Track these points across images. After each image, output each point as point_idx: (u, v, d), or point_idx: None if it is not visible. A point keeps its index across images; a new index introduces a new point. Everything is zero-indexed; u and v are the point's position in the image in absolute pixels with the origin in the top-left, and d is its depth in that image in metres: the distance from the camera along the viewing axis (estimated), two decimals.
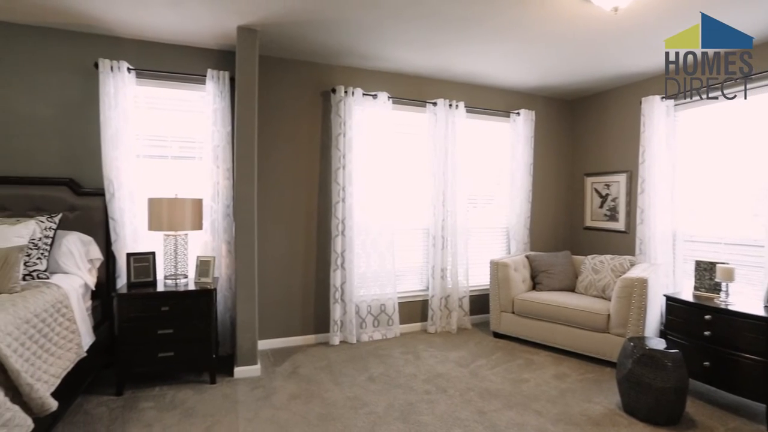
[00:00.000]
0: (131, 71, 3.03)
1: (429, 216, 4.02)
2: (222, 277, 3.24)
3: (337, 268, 3.58)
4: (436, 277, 3.97)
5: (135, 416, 2.41)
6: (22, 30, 2.90)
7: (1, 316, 1.82)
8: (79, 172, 3.02)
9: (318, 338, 3.69)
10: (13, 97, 2.90)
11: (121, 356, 2.67)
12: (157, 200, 2.83)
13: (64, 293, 2.39)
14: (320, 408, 2.55)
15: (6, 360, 1.70)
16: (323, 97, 3.67)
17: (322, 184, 3.69)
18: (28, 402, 1.79)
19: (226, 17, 2.78)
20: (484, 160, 4.38)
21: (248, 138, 2.96)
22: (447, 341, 3.77)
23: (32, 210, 2.85)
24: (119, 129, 2.97)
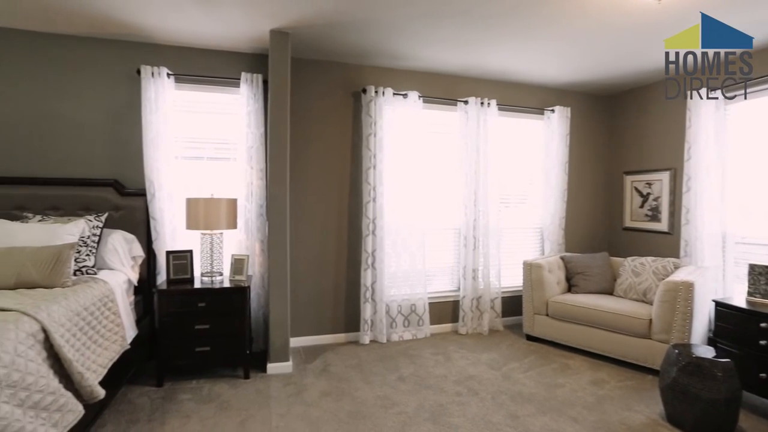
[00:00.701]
0: (170, 76, 3.15)
1: (460, 216, 3.96)
2: (255, 275, 3.31)
3: (367, 267, 3.59)
4: (468, 277, 3.92)
5: (174, 407, 2.51)
6: (73, 41, 3.08)
7: (55, 309, 1.94)
8: (122, 174, 3.18)
9: (348, 337, 3.71)
10: (65, 104, 3.09)
11: (161, 349, 2.78)
12: (194, 200, 2.93)
13: (110, 288, 2.52)
14: (350, 406, 2.56)
15: (60, 350, 1.81)
16: (354, 98, 3.69)
17: (353, 183, 3.71)
18: (79, 389, 1.90)
19: (259, 21, 2.85)
20: (516, 158, 4.28)
21: (281, 139, 3.02)
22: (478, 343, 3.70)
23: (81, 209, 3.02)
24: (159, 132, 3.10)
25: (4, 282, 2.23)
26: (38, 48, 3.02)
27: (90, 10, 2.68)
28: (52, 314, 1.89)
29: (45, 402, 1.66)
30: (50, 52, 3.04)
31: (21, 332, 1.68)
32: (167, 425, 2.31)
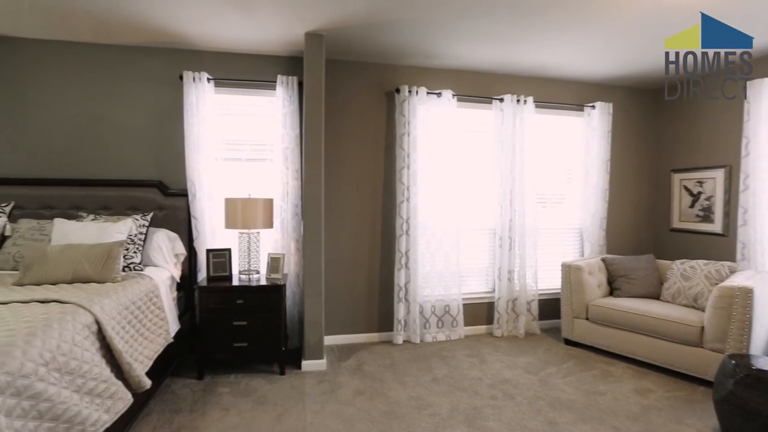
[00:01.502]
0: (210, 81, 3.27)
1: (495, 216, 3.88)
2: (291, 273, 3.38)
3: (401, 267, 3.58)
4: (503, 279, 3.83)
5: (214, 399, 2.60)
6: (123, 51, 3.25)
7: (107, 302, 2.06)
8: (166, 175, 3.33)
9: (382, 336, 3.72)
10: (116, 110, 3.27)
11: (201, 344, 2.89)
12: (232, 200, 3.02)
13: (155, 284, 2.64)
14: (384, 405, 2.56)
15: (111, 341, 1.92)
16: (387, 97, 3.69)
17: (387, 183, 3.71)
18: (127, 379, 2.01)
19: (295, 25, 2.90)
20: (554, 157, 4.14)
21: (316, 140, 3.06)
22: (514, 346, 3.61)
23: (129, 209, 3.18)
24: (200, 134, 3.22)
25: (63, 276, 2.39)
26: (93, 58, 3.22)
27: (138, 21, 2.82)
28: (104, 307, 2.00)
29: (99, 389, 1.76)
30: (103, 61, 3.23)
31: (78, 323, 1.79)
32: (208, 416, 2.40)
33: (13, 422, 1.31)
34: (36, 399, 1.42)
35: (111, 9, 2.66)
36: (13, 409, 1.33)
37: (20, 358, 1.42)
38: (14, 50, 3.13)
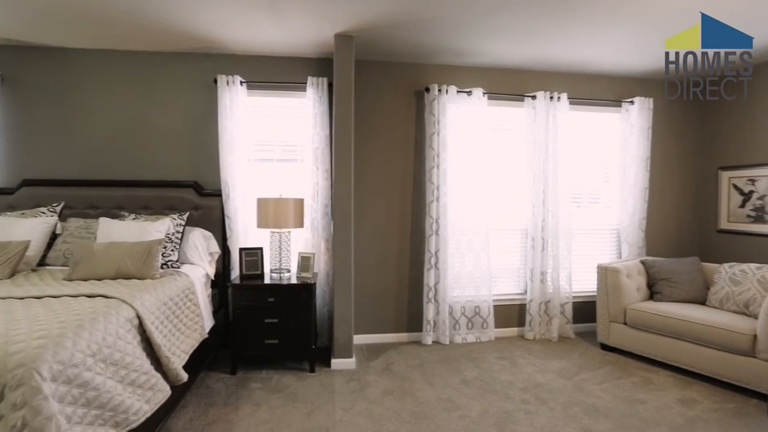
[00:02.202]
0: (243, 84, 3.36)
1: (527, 216, 3.78)
2: (321, 272, 3.42)
3: (431, 267, 3.56)
4: (535, 280, 3.73)
5: (246, 394, 2.66)
6: (160, 57, 3.39)
7: (147, 298, 2.14)
8: (201, 176, 3.44)
9: (411, 337, 3.70)
10: (154, 114, 3.41)
11: (235, 340, 2.97)
12: (264, 200, 3.09)
13: (191, 281, 2.73)
14: (413, 406, 2.55)
15: (151, 335, 2.00)
16: (417, 97, 3.68)
17: (417, 183, 3.69)
18: (166, 372, 2.08)
19: (324, 27, 2.93)
20: (589, 155, 3.99)
21: (345, 140, 3.08)
22: (547, 349, 3.51)
23: (167, 209, 3.31)
24: (233, 136, 3.31)
25: (107, 273, 2.51)
26: (134, 65, 3.38)
27: (176, 27, 2.94)
28: (144, 303, 2.09)
29: (140, 380, 1.83)
30: (143, 68, 3.38)
31: (121, 317, 1.87)
32: (240, 410, 2.46)
33: (64, 408, 1.39)
34: (84, 387, 1.50)
35: (151, 17, 2.78)
36: (64, 396, 1.41)
37: (71, 348, 1.50)
38: (65, 60, 3.33)
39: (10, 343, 1.44)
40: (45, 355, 1.39)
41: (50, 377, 1.37)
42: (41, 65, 3.31)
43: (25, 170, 3.31)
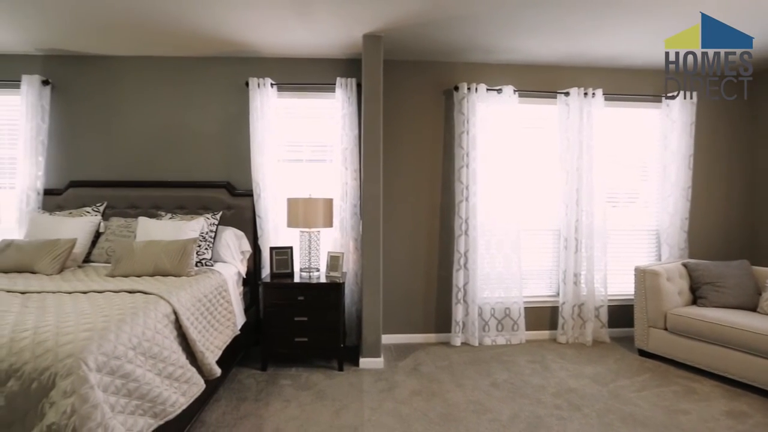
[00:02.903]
0: (273, 86, 3.42)
1: (560, 216, 3.68)
2: (349, 271, 3.44)
3: (460, 268, 3.51)
4: (568, 282, 3.62)
5: (276, 391, 2.71)
6: (194, 62, 3.51)
7: (183, 294, 2.22)
8: (233, 176, 3.53)
9: (439, 337, 3.67)
10: (190, 117, 3.53)
11: (265, 337, 3.02)
12: (294, 200, 3.14)
13: (224, 279, 2.81)
14: (441, 407, 2.52)
15: (186, 330, 2.07)
16: (446, 96, 3.64)
17: (445, 183, 3.66)
18: (200, 366, 2.15)
19: (353, 27, 2.95)
20: (626, 152, 3.84)
21: (374, 140, 3.09)
22: (580, 354, 3.39)
23: (201, 208, 3.42)
24: (264, 137, 3.38)
25: (146, 270, 2.62)
26: (170, 70, 3.51)
27: (209, 33, 3.03)
28: (180, 299, 2.16)
29: (176, 374, 1.90)
30: (178, 73, 3.51)
31: (159, 313, 1.95)
32: (271, 406, 2.50)
33: (108, 397, 1.46)
34: (126, 378, 1.56)
35: (186, 23, 2.88)
36: (108, 386, 1.48)
37: (114, 341, 1.57)
38: (107, 67, 3.50)
39: (61, 334, 1.52)
40: (91, 347, 1.46)
41: (96, 368, 1.43)
42: (86, 73, 3.49)
43: (71, 172, 3.49)
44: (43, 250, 2.73)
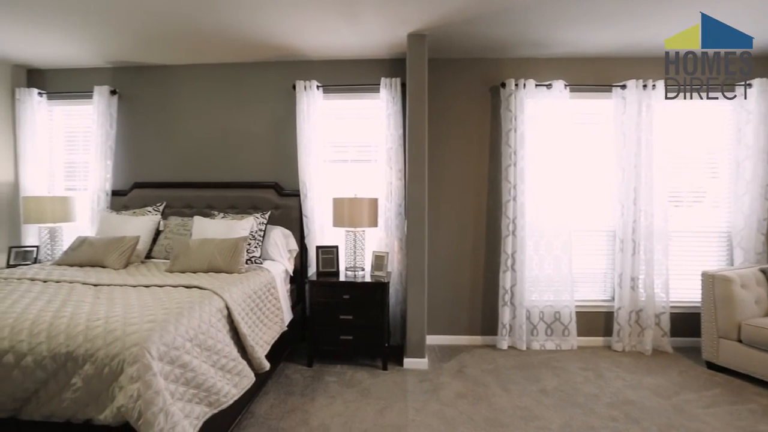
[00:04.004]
0: (319, 88, 3.49)
1: (615, 216, 3.47)
2: (394, 271, 3.44)
3: (507, 269, 3.41)
4: (625, 286, 3.40)
5: (321, 387, 2.76)
6: (245, 67, 3.66)
7: (234, 290, 2.31)
8: (281, 177, 3.64)
9: (485, 340, 3.58)
10: (241, 120, 3.69)
11: (312, 334, 3.09)
12: (339, 200, 3.18)
13: (272, 277, 2.90)
14: (487, 412, 2.45)
15: (238, 325, 2.15)
16: (492, 93, 3.55)
17: (492, 182, 3.57)
18: (250, 360, 2.23)
19: (398, 27, 2.95)
20: (691, 148, 3.56)
21: (419, 139, 3.07)
22: (638, 363, 3.18)
23: (251, 208, 3.55)
24: (310, 138, 3.46)
25: (200, 266, 2.76)
26: (221, 76, 3.68)
27: (258, 39, 3.15)
28: (232, 295, 2.25)
29: (229, 366, 1.98)
30: (229, 78, 3.68)
31: (213, 308, 2.04)
32: (316, 401, 2.55)
33: (168, 385, 1.55)
34: (184, 368, 1.65)
35: (237, 31, 3.00)
36: (168, 374, 1.57)
37: (173, 332, 1.66)
38: (166, 76, 3.73)
39: (127, 324, 1.64)
40: (153, 337, 1.56)
41: (158, 357, 1.52)
42: (148, 82, 3.74)
43: (135, 174, 3.76)
44: (111, 246, 2.95)
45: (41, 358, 1.53)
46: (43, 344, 1.55)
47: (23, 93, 3.68)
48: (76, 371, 1.50)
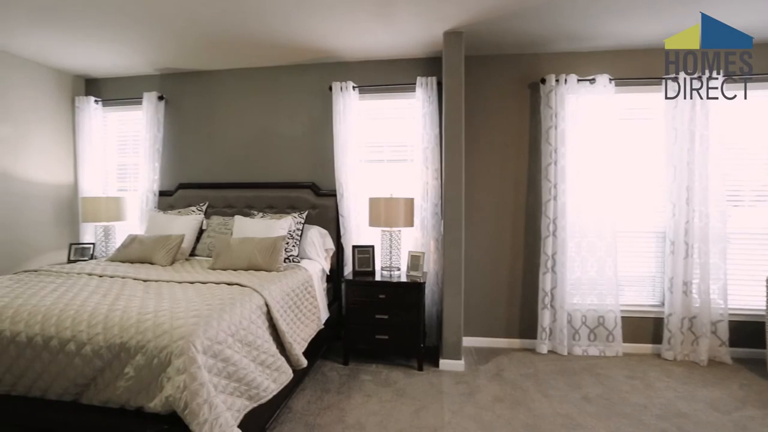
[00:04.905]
0: (355, 89, 3.52)
1: (666, 216, 3.28)
2: (430, 271, 3.41)
3: (546, 271, 3.30)
4: (676, 291, 3.20)
5: (357, 385, 2.78)
6: (283, 70, 3.74)
7: (273, 288, 2.37)
8: (318, 177, 3.70)
9: (523, 343, 3.48)
10: (279, 122, 3.78)
11: (347, 332, 3.11)
12: (375, 200, 3.19)
13: (309, 275, 2.94)
14: (526, 417, 2.38)
15: (276, 321, 2.20)
16: (531, 89, 3.45)
17: (531, 181, 3.47)
18: (288, 356, 2.27)
19: (434, 25, 2.92)
20: (755, 143, 3.29)
21: (455, 139, 3.03)
22: (692, 374, 2.99)
23: (288, 208, 3.63)
24: (346, 139, 3.49)
25: (241, 264, 2.84)
26: (260, 80, 3.79)
27: (295, 42, 3.21)
28: (272, 292, 2.31)
29: (268, 361, 2.03)
30: (268, 81, 3.77)
31: (253, 304, 2.10)
32: (352, 399, 2.57)
33: (212, 378, 1.60)
34: (226, 362, 1.70)
35: (276, 35, 3.07)
36: (211, 368, 1.62)
37: (216, 327, 1.72)
38: (209, 81, 3.88)
39: (174, 318, 1.71)
40: (198, 331, 1.62)
41: (202, 350, 1.58)
42: (192, 87, 3.91)
43: (180, 175, 3.94)
44: (158, 244, 3.11)
45: (98, 348, 1.62)
46: (100, 335, 1.65)
47: (82, 101, 3.95)
48: (129, 361, 1.59)
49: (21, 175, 3.56)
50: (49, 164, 3.81)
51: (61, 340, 1.67)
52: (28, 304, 1.88)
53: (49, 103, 3.81)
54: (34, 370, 1.69)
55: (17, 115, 3.53)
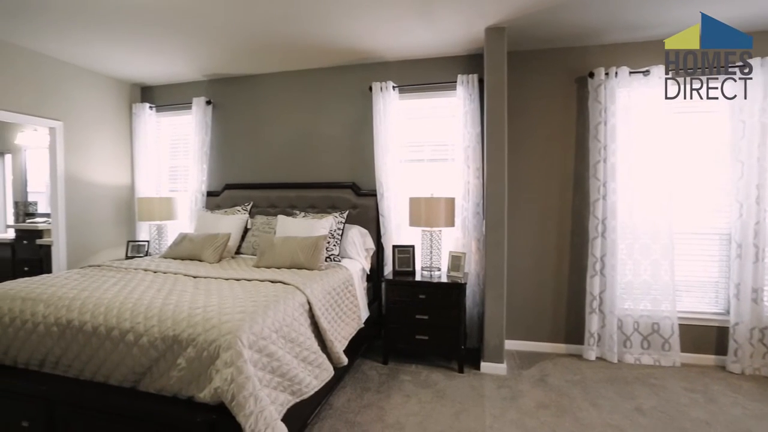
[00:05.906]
0: (395, 89, 3.51)
1: (731, 217, 3.03)
2: (471, 272, 3.34)
3: (595, 274, 3.14)
4: (743, 298, 2.95)
5: (396, 385, 2.77)
6: (324, 72, 3.81)
7: (315, 286, 2.41)
8: (358, 177, 3.73)
9: (569, 349, 3.34)
10: (320, 123, 3.85)
11: (387, 332, 3.12)
12: (416, 199, 3.17)
13: (350, 274, 2.97)
14: (572, 426, 2.28)
15: (318, 319, 2.24)
16: (578, 84, 3.30)
17: (578, 179, 3.32)
18: (329, 354, 2.30)
19: (475, 22, 2.87)
20: None
21: (498, 137, 2.95)
22: (764, 390, 2.73)
23: (329, 208, 3.68)
24: (387, 139, 3.49)
25: (284, 262, 2.92)
26: (302, 82, 3.87)
27: (336, 44, 3.26)
28: (313, 291, 2.35)
29: (310, 358, 2.07)
30: (310, 83, 3.86)
31: (296, 302, 2.14)
32: (392, 399, 2.57)
33: (257, 372, 1.65)
34: (270, 357, 1.75)
35: (317, 38, 3.13)
36: (256, 362, 1.68)
37: (261, 323, 1.77)
38: (254, 85, 4.02)
39: (222, 313, 1.78)
40: (244, 327, 1.67)
41: (248, 345, 1.64)
42: (237, 91, 4.06)
43: (226, 176, 4.10)
44: (206, 242, 3.25)
45: (154, 339, 1.72)
46: (155, 327, 1.75)
47: (138, 107, 4.22)
48: (181, 353, 1.67)
49: (87, 179, 3.86)
50: (110, 167, 4.10)
51: (121, 330, 1.79)
52: (93, 296, 2.02)
53: (110, 110, 4.10)
54: (98, 357, 1.82)
55: (86, 123, 3.83)
